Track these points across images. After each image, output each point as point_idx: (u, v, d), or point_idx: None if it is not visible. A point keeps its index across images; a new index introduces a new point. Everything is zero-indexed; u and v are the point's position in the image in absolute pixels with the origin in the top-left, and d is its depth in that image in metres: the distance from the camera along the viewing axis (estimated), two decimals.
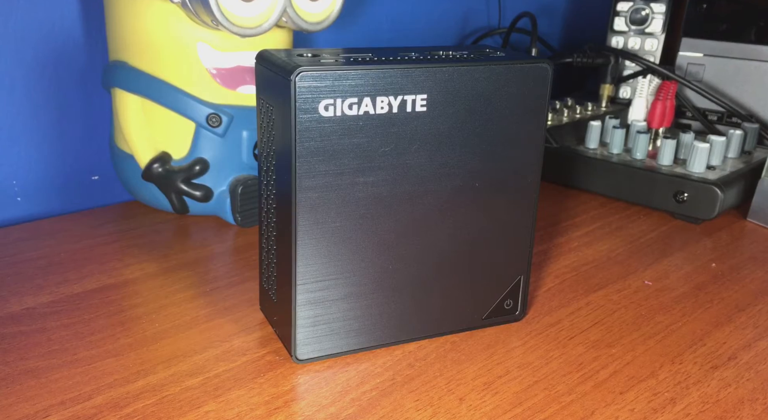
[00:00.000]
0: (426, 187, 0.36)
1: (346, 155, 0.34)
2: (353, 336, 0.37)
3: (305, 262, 0.35)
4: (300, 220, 0.34)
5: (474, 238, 0.38)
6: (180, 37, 0.49)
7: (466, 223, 0.38)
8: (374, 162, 0.34)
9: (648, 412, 0.34)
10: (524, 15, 0.76)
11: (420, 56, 0.35)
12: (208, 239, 0.52)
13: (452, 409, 0.34)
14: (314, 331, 0.36)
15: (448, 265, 0.38)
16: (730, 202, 0.58)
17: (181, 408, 0.33)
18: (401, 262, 0.37)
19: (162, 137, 0.52)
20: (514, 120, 0.37)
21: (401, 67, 0.33)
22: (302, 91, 0.32)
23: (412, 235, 0.36)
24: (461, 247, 0.38)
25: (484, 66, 0.35)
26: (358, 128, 0.33)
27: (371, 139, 0.34)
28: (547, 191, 0.65)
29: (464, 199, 0.37)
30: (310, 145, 0.33)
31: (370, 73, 0.33)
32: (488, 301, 0.40)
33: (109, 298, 0.43)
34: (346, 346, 0.37)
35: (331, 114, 0.33)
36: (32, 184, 0.57)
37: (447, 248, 0.38)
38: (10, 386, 0.34)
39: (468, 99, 0.35)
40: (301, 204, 0.34)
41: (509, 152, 0.37)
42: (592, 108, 0.75)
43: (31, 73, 0.55)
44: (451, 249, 0.38)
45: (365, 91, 0.33)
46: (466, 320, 0.40)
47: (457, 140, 0.36)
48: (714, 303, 0.45)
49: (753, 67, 0.72)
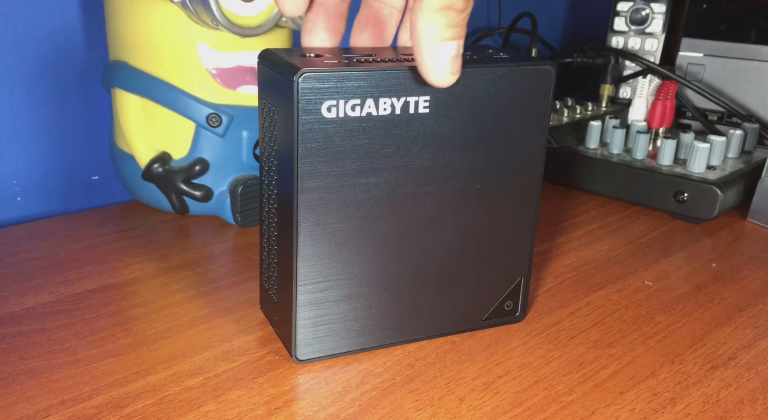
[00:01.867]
0: (428, 188, 0.36)
1: (348, 156, 0.34)
2: (354, 336, 0.37)
3: (306, 263, 0.35)
4: (301, 220, 0.34)
5: (475, 240, 0.38)
6: (180, 37, 0.49)
7: (467, 225, 0.38)
8: (376, 163, 0.34)
9: (648, 412, 0.34)
10: (524, 15, 0.76)
11: None
12: (208, 239, 0.52)
13: (452, 409, 0.34)
14: (315, 332, 0.36)
15: (450, 267, 0.38)
16: (730, 202, 0.58)
17: (181, 408, 0.33)
18: (402, 263, 0.37)
19: (162, 137, 0.52)
20: (517, 121, 0.37)
21: (404, 68, 0.33)
22: (305, 92, 0.32)
23: (414, 236, 0.36)
24: (463, 249, 0.38)
25: (488, 68, 0.35)
26: (361, 130, 0.33)
27: (373, 140, 0.34)
28: (547, 191, 0.65)
29: (466, 200, 0.37)
30: (312, 147, 0.33)
31: (373, 74, 0.33)
32: (489, 302, 0.40)
33: (109, 298, 0.43)
34: (347, 346, 0.37)
35: (333, 115, 0.33)
36: (32, 184, 0.57)
37: (448, 249, 0.38)
38: (10, 386, 0.34)
39: (471, 101, 0.35)
40: (303, 205, 0.34)
41: (511, 154, 0.37)
42: (592, 108, 0.75)
43: (31, 73, 0.55)
44: (453, 250, 0.38)
45: (368, 92, 0.33)
46: (467, 321, 0.40)
47: (460, 142, 0.36)
48: (714, 303, 0.45)
49: (753, 67, 0.72)
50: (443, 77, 0.32)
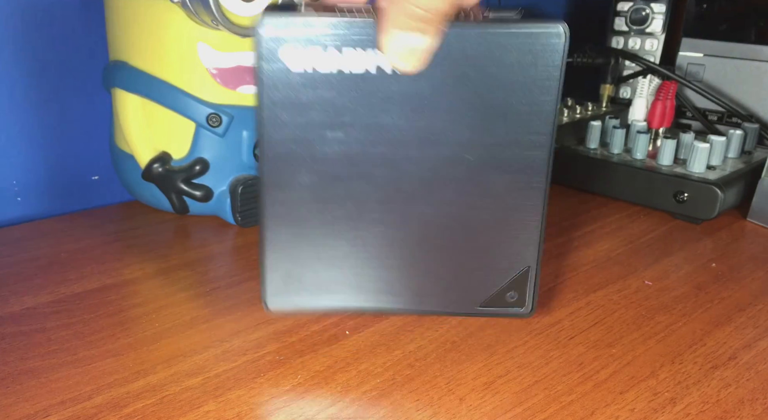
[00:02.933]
0: (406, 153, 0.34)
1: (313, 108, 0.32)
2: (326, 294, 0.36)
3: (275, 216, 0.34)
4: (268, 173, 0.33)
5: (467, 218, 0.36)
6: (180, 37, 0.49)
7: (457, 200, 0.35)
8: (344, 117, 0.33)
9: (648, 412, 0.34)
10: None
11: None
12: (208, 239, 0.52)
13: (452, 409, 0.34)
14: (286, 284, 0.35)
15: (434, 242, 0.36)
16: (730, 202, 0.58)
17: (181, 408, 0.33)
18: (379, 230, 0.35)
19: (162, 137, 0.52)
20: (517, 92, 0.34)
21: (374, 20, 0.31)
22: (267, 41, 0.31)
23: (393, 203, 0.35)
24: (451, 225, 0.36)
25: (478, 30, 0.32)
26: (328, 82, 0.32)
27: (341, 94, 0.32)
28: None
29: (453, 172, 0.35)
30: (275, 96, 0.32)
31: (342, 23, 0.31)
32: (484, 288, 0.38)
33: (109, 298, 0.43)
34: (318, 303, 0.36)
35: (300, 69, 0.31)
36: (32, 184, 0.57)
37: (433, 222, 0.36)
38: (10, 386, 0.34)
39: (457, 64, 0.33)
40: (269, 157, 0.33)
41: (510, 128, 0.34)
42: (592, 108, 0.75)
43: (31, 73, 0.55)
44: (440, 224, 0.36)
45: (336, 42, 0.31)
46: (457, 304, 0.38)
47: (443, 106, 0.33)
48: (714, 303, 0.45)
49: (753, 67, 0.72)
50: (397, 64, 0.30)
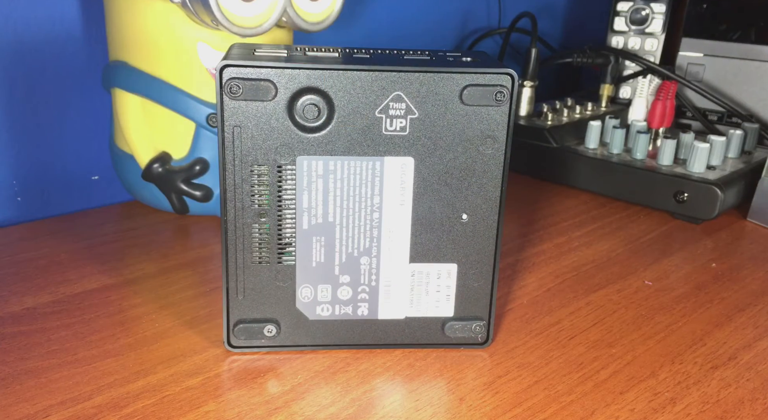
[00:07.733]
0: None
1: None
2: None
3: None
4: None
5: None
6: (180, 37, 0.49)
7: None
8: None
9: (648, 412, 0.34)
10: (524, 15, 0.76)
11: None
12: (208, 239, 0.52)
13: (452, 409, 0.34)
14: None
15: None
16: (730, 202, 0.58)
17: (181, 408, 0.33)
18: None
19: (162, 137, 0.52)
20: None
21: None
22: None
23: None
24: None
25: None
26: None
27: None
28: (547, 191, 0.65)
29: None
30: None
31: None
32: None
33: (109, 298, 0.43)
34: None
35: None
36: (32, 184, 0.57)
37: None
38: (10, 386, 0.34)
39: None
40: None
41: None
42: (592, 108, 0.75)
43: (31, 73, 0.55)
44: None
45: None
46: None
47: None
48: (714, 303, 0.45)
49: (753, 67, 0.72)
50: None
